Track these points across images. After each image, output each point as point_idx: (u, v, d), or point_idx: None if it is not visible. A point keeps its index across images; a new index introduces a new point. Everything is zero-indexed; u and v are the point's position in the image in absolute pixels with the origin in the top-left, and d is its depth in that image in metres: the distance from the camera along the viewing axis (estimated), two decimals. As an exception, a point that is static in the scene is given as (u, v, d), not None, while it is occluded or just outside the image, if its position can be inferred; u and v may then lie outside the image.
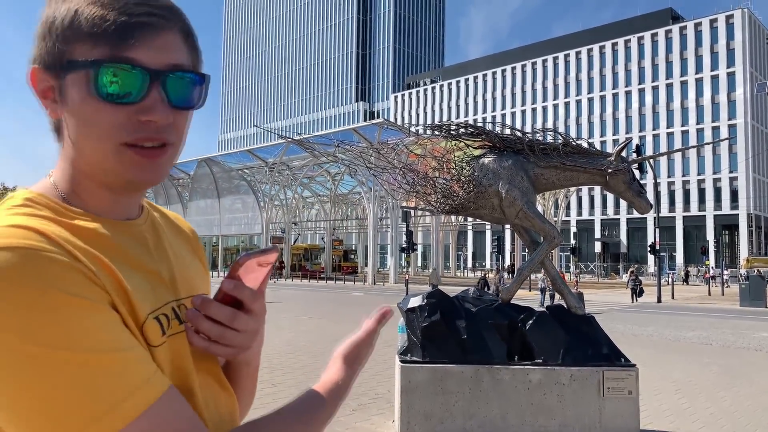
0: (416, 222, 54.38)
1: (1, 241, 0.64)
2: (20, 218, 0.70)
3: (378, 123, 39.94)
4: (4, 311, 0.61)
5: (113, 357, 0.65)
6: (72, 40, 0.74)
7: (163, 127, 0.77)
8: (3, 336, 0.61)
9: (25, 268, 0.63)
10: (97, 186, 0.80)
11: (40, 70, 0.76)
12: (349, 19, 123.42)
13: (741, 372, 10.00)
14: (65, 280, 0.65)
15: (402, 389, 4.05)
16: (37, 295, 0.62)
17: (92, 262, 0.69)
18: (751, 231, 67.17)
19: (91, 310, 0.66)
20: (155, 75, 0.75)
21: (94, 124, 0.75)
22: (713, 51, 71.02)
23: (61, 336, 0.62)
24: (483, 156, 4.56)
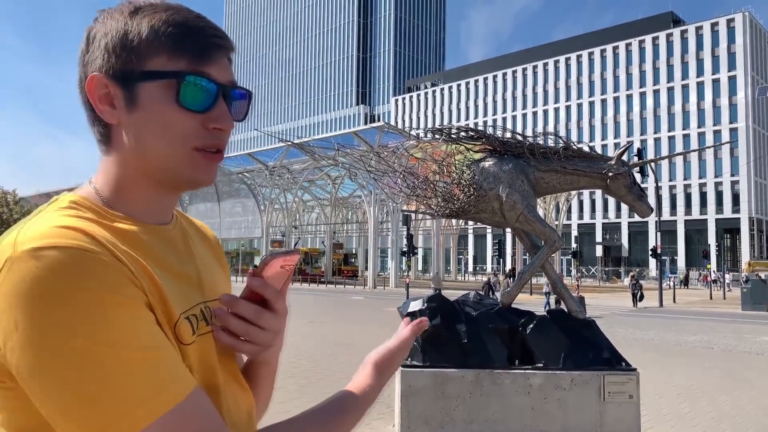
0: (417, 225, 54.36)
1: (52, 241, 0.69)
2: (68, 219, 0.75)
3: (378, 126, 39.99)
4: (52, 305, 0.66)
5: (146, 355, 0.69)
6: (151, 53, 0.81)
7: (225, 134, 0.86)
8: (51, 328, 0.66)
9: (74, 266, 0.68)
10: (148, 189, 0.86)
11: (103, 78, 0.82)
12: (350, 22, 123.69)
13: (743, 376, 9.97)
14: (109, 280, 0.70)
15: (402, 394, 4.04)
16: (83, 292, 0.67)
17: (132, 264, 0.74)
18: (753, 234, 67.09)
19: (129, 310, 0.70)
20: (222, 89, 0.85)
21: (170, 129, 0.82)
22: (714, 54, 71.07)
23: (101, 332, 0.67)
24: (483, 160, 4.56)
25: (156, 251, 0.83)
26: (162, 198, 0.89)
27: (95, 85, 0.82)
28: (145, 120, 0.82)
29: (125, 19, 0.83)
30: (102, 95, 0.83)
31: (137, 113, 0.82)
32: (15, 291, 0.67)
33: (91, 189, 0.86)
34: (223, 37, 0.86)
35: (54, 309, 0.66)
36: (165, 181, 0.86)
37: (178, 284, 0.84)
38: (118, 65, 0.82)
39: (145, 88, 0.82)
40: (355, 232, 62.60)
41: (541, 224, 4.38)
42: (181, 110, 0.82)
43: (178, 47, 0.82)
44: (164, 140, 0.83)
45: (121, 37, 0.82)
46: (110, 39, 0.82)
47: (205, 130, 0.84)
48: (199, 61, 0.83)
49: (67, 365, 0.66)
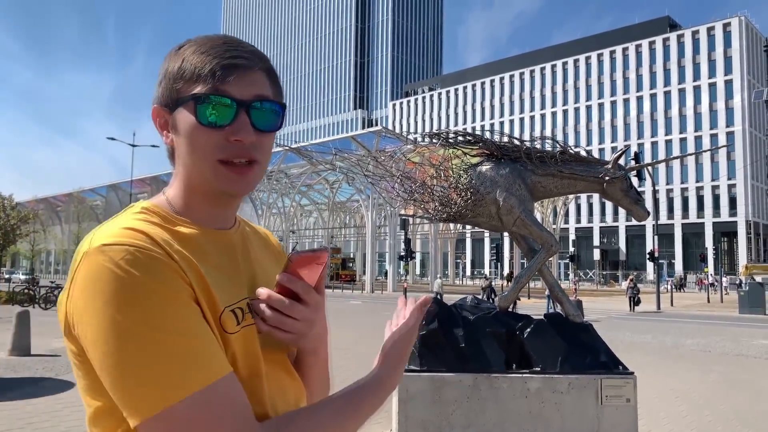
0: (414, 230, 54.33)
1: (117, 239, 0.84)
2: (135, 222, 0.90)
3: (376, 131, 39.99)
4: (112, 292, 0.80)
5: (184, 340, 0.82)
6: (180, 81, 0.95)
7: (249, 146, 0.96)
8: (109, 310, 0.80)
9: (132, 260, 0.82)
10: (201, 199, 0.99)
11: (159, 108, 0.99)
12: (348, 27, 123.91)
13: (740, 379, 9.97)
14: (159, 273, 0.83)
15: (399, 398, 4.03)
16: (137, 282, 0.81)
17: (183, 261, 0.88)
18: (750, 238, 67.20)
19: (174, 299, 0.83)
20: (242, 104, 0.95)
21: (197, 146, 0.95)
22: (711, 59, 71.32)
23: (148, 317, 0.80)
24: (480, 164, 4.56)
25: (210, 251, 0.96)
26: (215, 206, 1.01)
27: (155, 114, 1.00)
28: (181, 140, 0.97)
29: (171, 56, 0.99)
30: (162, 122, 1.00)
31: (178, 135, 0.97)
32: (86, 279, 0.82)
33: (163, 198, 1.01)
34: (244, 56, 0.97)
35: (112, 295, 0.80)
36: (205, 192, 0.99)
37: (227, 281, 0.96)
38: (164, 96, 0.98)
39: (179, 113, 0.96)
40: (352, 236, 62.61)
41: (538, 228, 4.38)
42: (201, 127, 0.94)
43: (198, 73, 0.94)
44: (193, 156, 0.96)
45: (164, 73, 0.98)
46: (161, 75, 0.99)
47: (228, 143, 0.94)
48: (216, 82, 0.93)
49: (118, 341, 0.79)
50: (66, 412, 6.84)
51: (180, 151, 0.98)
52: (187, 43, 1.00)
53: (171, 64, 0.98)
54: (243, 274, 1.01)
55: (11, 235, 44.55)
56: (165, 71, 0.98)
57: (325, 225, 57.49)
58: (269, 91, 1.00)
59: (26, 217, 49.07)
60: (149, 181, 61.81)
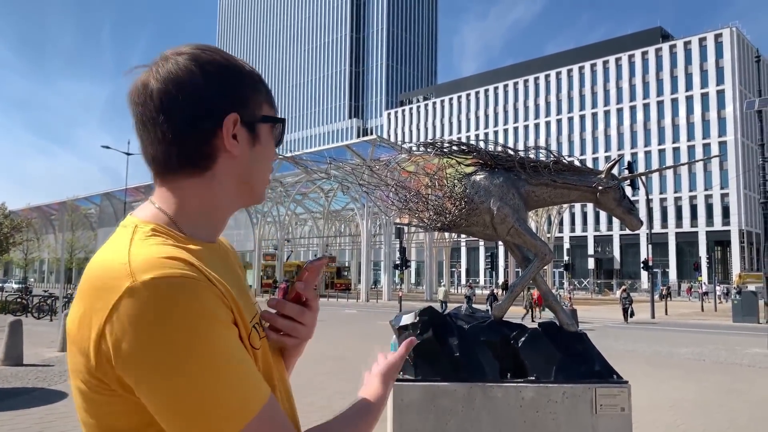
0: (409, 239, 54.35)
1: (164, 272, 0.81)
2: (167, 249, 0.86)
3: (371, 140, 40.10)
4: (169, 329, 0.78)
5: (238, 368, 0.82)
6: (262, 101, 1.01)
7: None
8: (168, 348, 0.78)
9: (184, 294, 0.80)
10: (228, 211, 1.02)
11: (237, 118, 0.96)
12: (343, 36, 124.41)
13: (734, 388, 9.99)
14: (210, 304, 0.82)
15: (395, 408, 4.02)
16: (192, 317, 0.80)
17: (219, 284, 0.86)
18: (743, 247, 67.51)
19: (225, 328, 0.83)
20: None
21: (269, 163, 1.04)
22: (703, 69, 71.92)
23: (206, 350, 0.80)
24: (475, 173, 4.58)
25: (219, 268, 0.93)
26: (224, 221, 1.04)
27: (231, 124, 0.96)
28: (260, 153, 1.00)
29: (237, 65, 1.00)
30: (233, 134, 0.97)
31: (257, 148, 1.00)
32: (138, 316, 0.78)
33: (157, 212, 0.95)
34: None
35: (170, 332, 0.78)
36: (246, 200, 1.04)
37: (243, 297, 0.95)
38: (246, 107, 0.98)
39: (263, 129, 1.01)
40: (347, 245, 62.53)
41: (532, 237, 4.40)
42: (273, 146, 1.04)
43: (272, 101, 1.03)
44: (266, 171, 1.03)
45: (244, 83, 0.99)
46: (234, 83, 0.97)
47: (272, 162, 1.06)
48: (276, 111, 1.04)
49: (183, 379, 0.78)
50: (58, 422, 6.78)
51: (255, 165, 1.00)
52: (242, 62, 1.01)
53: (243, 77, 0.99)
54: (246, 287, 1.03)
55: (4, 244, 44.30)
56: (239, 81, 0.98)
57: (320, 234, 57.43)
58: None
59: (19, 225, 48.85)
60: (143, 190, 61.61)
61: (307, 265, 1.09)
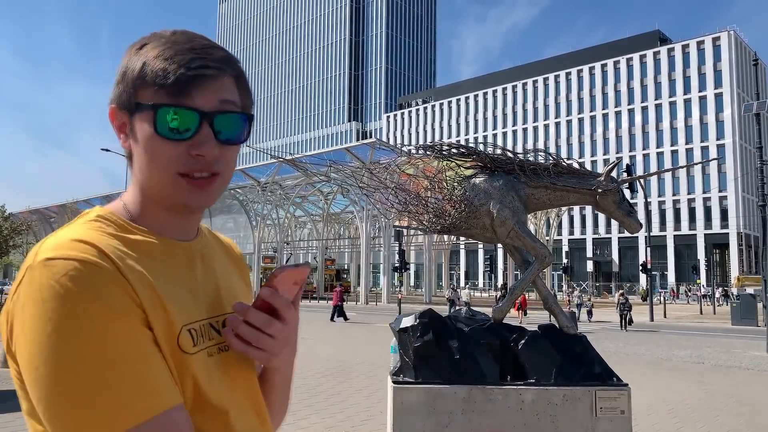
0: (409, 241, 54.34)
1: (62, 252, 0.77)
2: (85, 232, 0.82)
3: (370, 143, 40.09)
4: (51, 311, 0.72)
5: (125, 367, 0.74)
6: (140, 86, 0.87)
7: (211, 160, 0.89)
8: (46, 331, 0.72)
9: (75, 277, 0.74)
10: (158, 208, 0.92)
11: (117, 109, 0.91)
12: (342, 40, 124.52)
13: (734, 391, 9.99)
14: (104, 293, 0.75)
15: (395, 410, 4.02)
16: (78, 301, 0.73)
17: (135, 277, 0.80)
18: (741, 250, 67.55)
19: (119, 322, 0.75)
20: (205, 116, 0.88)
21: (156, 157, 0.88)
22: (701, 72, 72.05)
23: (90, 340, 0.73)
24: (474, 176, 4.59)
25: (168, 264, 0.88)
26: (174, 216, 0.94)
27: (114, 116, 0.91)
28: (138, 148, 0.90)
29: (130, 54, 0.90)
30: (119, 124, 0.91)
31: (135, 141, 0.90)
32: (27, 295, 0.75)
33: (120, 204, 0.93)
34: (212, 65, 0.89)
35: (52, 315, 0.72)
36: (163, 202, 0.92)
37: (186, 297, 0.89)
38: (122, 97, 0.90)
39: (136, 119, 0.88)
40: (347, 247, 62.48)
41: (532, 240, 4.41)
42: (162, 139, 0.87)
43: (162, 80, 0.86)
44: (151, 166, 0.89)
45: (123, 72, 0.89)
46: (119, 74, 0.90)
47: (189, 157, 0.88)
48: (179, 92, 0.86)
49: (53, 366, 0.72)
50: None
51: (137, 159, 0.90)
52: (151, 41, 0.90)
53: (131, 64, 0.89)
54: (202, 290, 0.95)
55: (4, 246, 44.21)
56: (124, 71, 0.90)
57: (320, 236, 57.40)
58: (236, 98, 0.93)
59: (19, 228, 48.75)
60: (142, 193, 61.49)
61: (276, 271, 0.95)
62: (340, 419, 7.21)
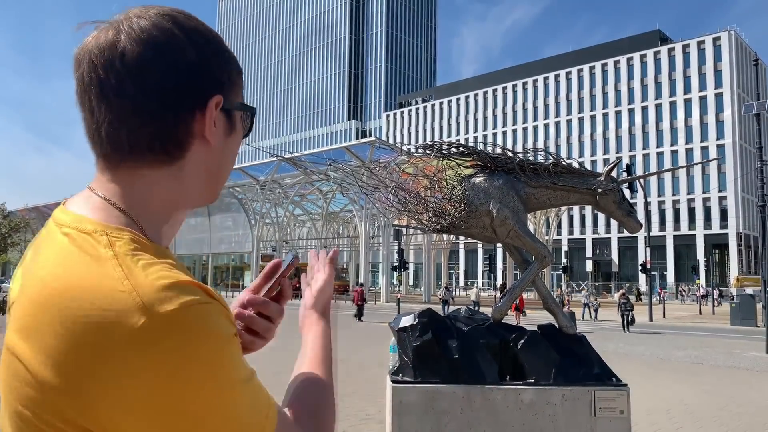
0: (408, 240, 54.34)
1: (185, 299, 0.67)
2: (164, 270, 0.70)
3: (370, 141, 40.09)
4: (191, 359, 0.65)
5: (252, 385, 0.73)
6: (238, 89, 0.85)
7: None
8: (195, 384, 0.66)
9: (202, 323, 0.67)
10: (186, 210, 0.85)
11: (220, 105, 0.81)
12: (342, 38, 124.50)
13: (733, 391, 9.99)
14: (225, 326, 0.70)
15: (393, 410, 4.01)
16: (211, 345, 0.67)
17: (221, 299, 0.73)
18: (741, 250, 67.62)
19: (235, 346, 0.72)
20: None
21: (233, 158, 0.88)
22: (701, 72, 72.08)
23: (228, 375, 0.69)
24: (474, 175, 4.58)
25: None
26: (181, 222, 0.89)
27: (215, 107, 0.80)
28: (233, 144, 0.86)
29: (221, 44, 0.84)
30: (214, 119, 0.81)
31: (230, 139, 0.85)
32: (158, 361, 0.64)
33: (118, 213, 0.77)
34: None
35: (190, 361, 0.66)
36: (206, 197, 0.87)
37: None
38: (230, 90, 0.84)
39: (239, 117, 0.86)
40: (346, 246, 62.50)
41: (532, 240, 4.40)
42: (241, 140, 0.89)
43: (238, 79, 0.86)
44: (231, 165, 0.88)
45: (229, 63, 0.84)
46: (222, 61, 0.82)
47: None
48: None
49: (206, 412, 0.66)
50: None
51: (225, 157, 0.85)
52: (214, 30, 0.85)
53: (228, 50, 0.84)
54: None
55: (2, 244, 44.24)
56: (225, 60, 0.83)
57: (319, 235, 57.42)
58: None
59: (17, 225, 48.76)
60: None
61: (292, 261, 1.01)
62: (338, 419, 7.20)
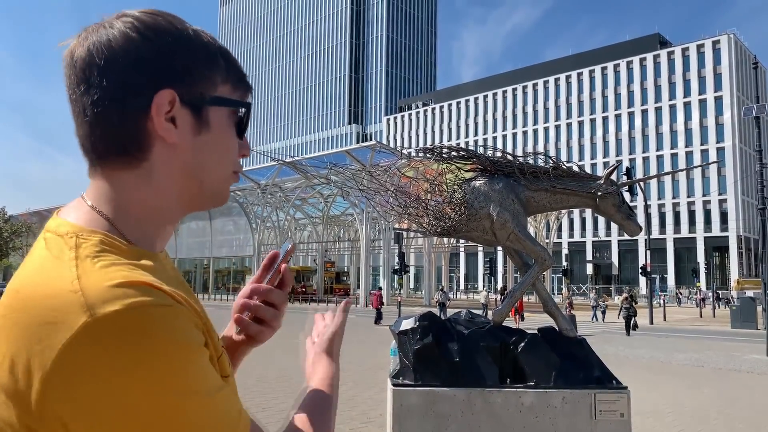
0: (408, 244, 54.34)
1: (131, 300, 0.64)
2: (124, 270, 0.69)
3: (370, 145, 40.13)
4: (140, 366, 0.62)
5: (218, 397, 0.69)
6: (220, 80, 0.83)
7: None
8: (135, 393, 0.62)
9: (163, 325, 0.65)
10: (177, 213, 0.84)
11: (174, 96, 0.78)
12: (343, 42, 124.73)
13: (734, 394, 9.99)
14: (189, 332, 0.68)
15: (394, 413, 4.02)
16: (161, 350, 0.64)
17: (189, 305, 0.71)
18: (741, 253, 67.58)
19: (199, 355, 0.68)
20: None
21: (228, 154, 0.86)
22: (700, 75, 72.18)
23: (181, 383, 0.65)
24: (474, 179, 4.59)
25: (173, 283, 0.75)
26: (176, 220, 0.87)
27: (165, 103, 0.77)
28: (211, 143, 0.82)
29: (191, 33, 0.82)
30: (165, 113, 0.78)
31: (204, 136, 0.81)
32: (102, 363, 0.62)
33: (94, 214, 0.77)
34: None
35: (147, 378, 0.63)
36: (197, 202, 0.86)
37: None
38: (191, 84, 0.80)
39: (216, 113, 0.82)
40: (347, 250, 62.49)
41: (532, 243, 4.41)
42: (235, 137, 0.86)
43: (236, 80, 0.86)
44: (222, 163, 0.85)
45: (198, 54, 0.81)
46: (185, 53, 0.80)
47: (237, 156, 0.89)
48: (246, 94, 0.88)
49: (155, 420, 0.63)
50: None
51: (204, 156, 0.82)
52: (198, 29, 0.84)
53: (201, 47, 0.82)
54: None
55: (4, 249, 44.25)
56: (190, 51, 0.80)
57: (320, 239, 57.39)
58: None
59: (19, 230, 48.79)
60: (142, 195, 61.43)
61: (290, 248, 1.02)
62: (339, 421, 7.20)
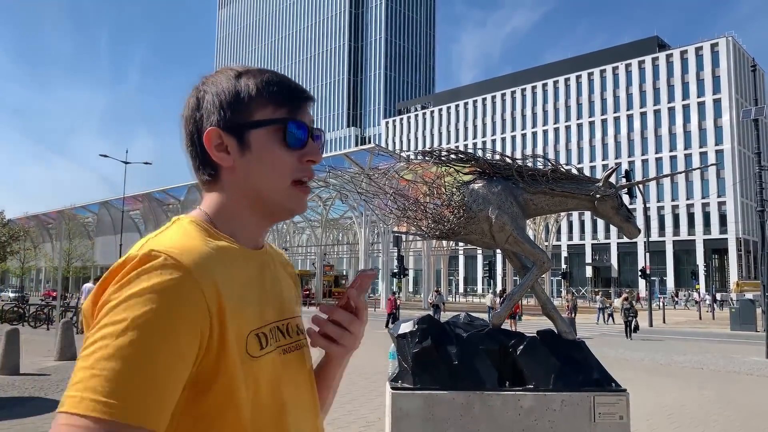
0: (407, 247, 54.31)
1: (165, 250, 0.85)
2: (189, 240, 0.92)
3: (369, 148, 40.19)
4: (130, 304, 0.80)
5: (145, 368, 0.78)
6: (258, 106, 1.01)
7: (314, 165, 1.05)
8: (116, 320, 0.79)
9: (162, 287, 0.82)
10: (250, 218, 1.03)
11: (217, 131, 1.00)
12: (341, 45, 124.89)
13: (733, 397, 9.98)
14: (180, 307, 0.82)
15: (393, 416, 4.01)
16: (156, 309, 0.80)
17: (226, 286, 0.89)
18: (740, 255, 67.60)
19: (171, 327, 0.81)
20: (310, 129, 1.05)
21: (277, 166, 1.01)
22: (699, 78, 72.29)
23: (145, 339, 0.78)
24: (473, 182, 4.59)
25: (246, 271, 0.98)
26: (259, 226, 1.05)
27: (212, 137, 1.00)
28: (256, 161, 1.00)
29: (233, 81, 1.02)
30: (218, 144, 1.00)
31: (248, 156, 1.00)
32: (122, 278, 0.83)
33: (203, 213, 1.02)
34: (307, 91, 1.08)
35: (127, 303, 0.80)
36: (267, 212, 1.04)
37: (257, 303, 0.98)
38: (231, 119, 1.00)
39: (255, 135, 1.00)
40: (345, 253, 62.48)
41: (531, 245, 4.40)
42: (284, 149, 1.01)
43: (280, 100, 1.02)
44: (272, 176, 1.01)
45: (234, 95, 1.01)
46: (224, 97, 1.01)
47: (299, 164, 1.03)
48: (295, 110, 1.03)
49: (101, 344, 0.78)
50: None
51: (253, 172, 1.00)
52: (247, 71, 1.04)
53: (240, 89, 1.01)
54: (270, 296, 1.04)
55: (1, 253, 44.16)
56: (227, 95, 1.01)
57: (318, 242, 57.37)
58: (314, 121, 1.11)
59: (17, 234, 48.71)
60: (141, 198, 61.56)
61: (360, 273, 1.12)
62: (338, 426, 7.19)
